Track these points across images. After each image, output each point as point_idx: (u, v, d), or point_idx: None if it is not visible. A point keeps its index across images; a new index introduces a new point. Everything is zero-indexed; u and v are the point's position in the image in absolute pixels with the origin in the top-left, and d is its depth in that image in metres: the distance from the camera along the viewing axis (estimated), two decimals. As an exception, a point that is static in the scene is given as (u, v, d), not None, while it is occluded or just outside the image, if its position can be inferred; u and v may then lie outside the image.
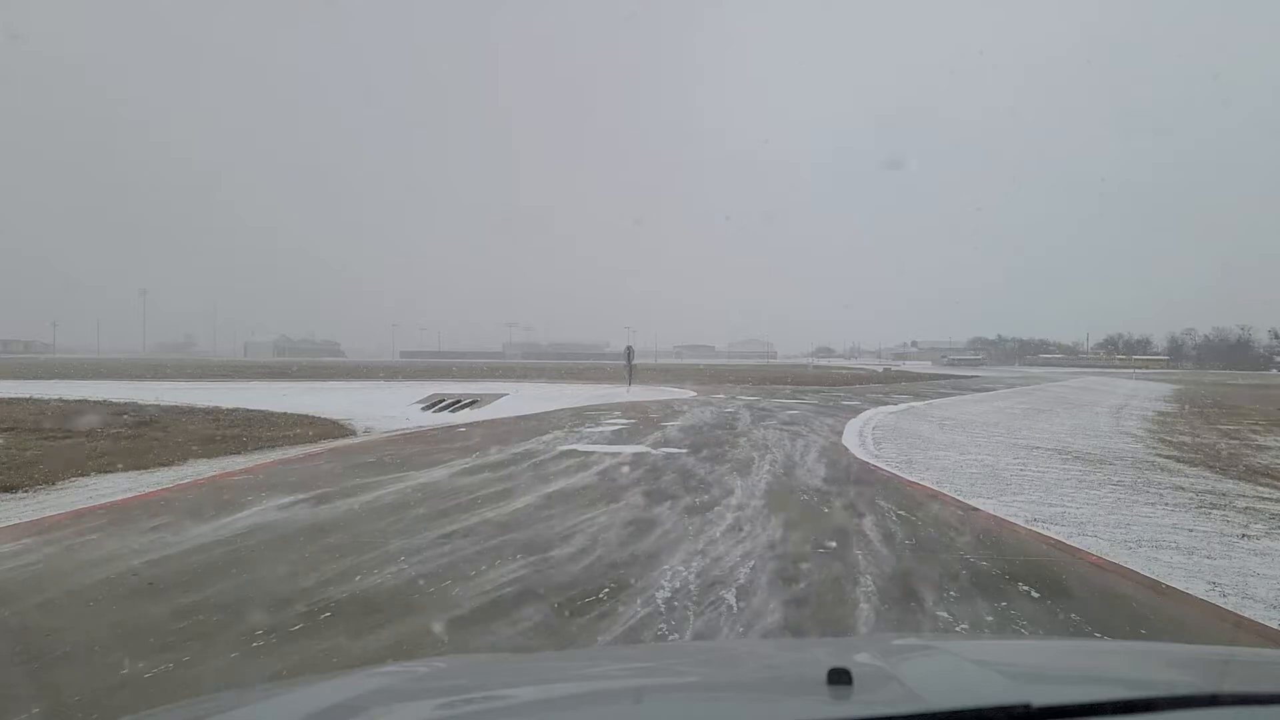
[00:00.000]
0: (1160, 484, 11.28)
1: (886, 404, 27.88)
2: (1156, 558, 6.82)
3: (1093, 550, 7.02)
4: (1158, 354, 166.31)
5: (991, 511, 8.73)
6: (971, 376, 71.14)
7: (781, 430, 17.54)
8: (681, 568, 6.03)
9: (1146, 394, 43.77)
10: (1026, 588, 5.72)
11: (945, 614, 5.08)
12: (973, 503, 9.26)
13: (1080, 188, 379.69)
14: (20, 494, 9.04)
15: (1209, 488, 11.10)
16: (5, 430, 14.83)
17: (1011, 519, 8.35)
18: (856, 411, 23.84)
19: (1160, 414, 28.30)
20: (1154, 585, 5.95)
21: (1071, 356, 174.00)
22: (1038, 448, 15.65)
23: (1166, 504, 9.58)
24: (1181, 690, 1.59)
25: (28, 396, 24.16)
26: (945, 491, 10.02)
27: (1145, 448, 16.76)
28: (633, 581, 5.64)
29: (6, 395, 24.66)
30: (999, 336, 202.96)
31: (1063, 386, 49.87)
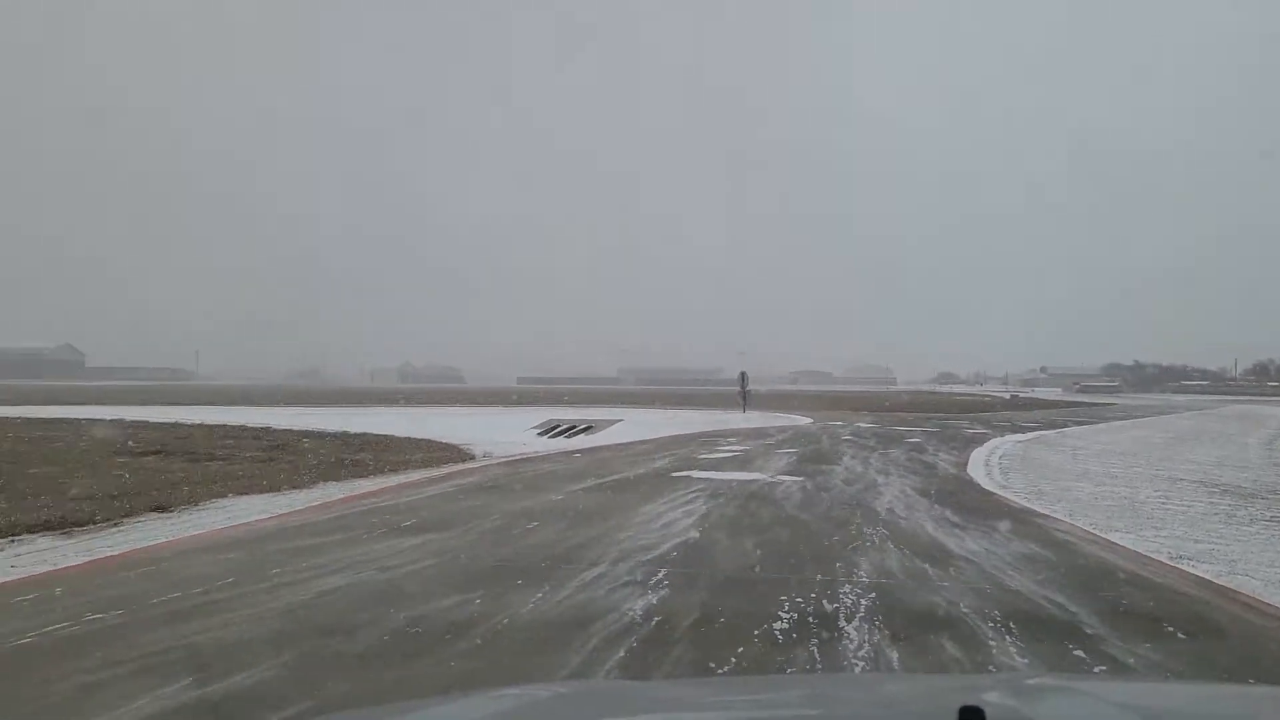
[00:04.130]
0: (1321, 520, 10.44)
1: (1014, 432, 26.84)
2: (1319, 600, 6.29)
3: (1245, 590, 6.53)
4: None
5: (1130, 546, 8.24)
6: (1106, 404, 67.90)
7: (903, 459, 17.09)
8: (800, 599, 5.90)
9: (1302, 423, 40.78)
10: (1172, 628, 5.36)
11: (1080, 654, 4.80)
12: (1110, 537, 8.76)
13: (1224, 203, 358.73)
14: (168, 514, 9.57)
15: (1378, 525, 10.22)
16: (154, 454, 15.79)
17: (1154, 555, 7.86)
18: (982, 440, 23.03)
19: (1319, 445, 26.29)
20: (1317, 630, 5.49)
21: (1218, 383, 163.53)
22: (1181, 480, 14.74)
23: (1329, 542, 8.85)
24: None
25: (173, 421, 25.70)
26: (1079, 524, 9.53)
27: (1302, 481, 15.57)
28: (762, 616, 5.54)
29: (155, 420, 26.34)
30: (1136, 362, 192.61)
31: (1208, 415, 46.99)
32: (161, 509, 9.74)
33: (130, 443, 17.86)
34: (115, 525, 8.77)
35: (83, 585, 6.17)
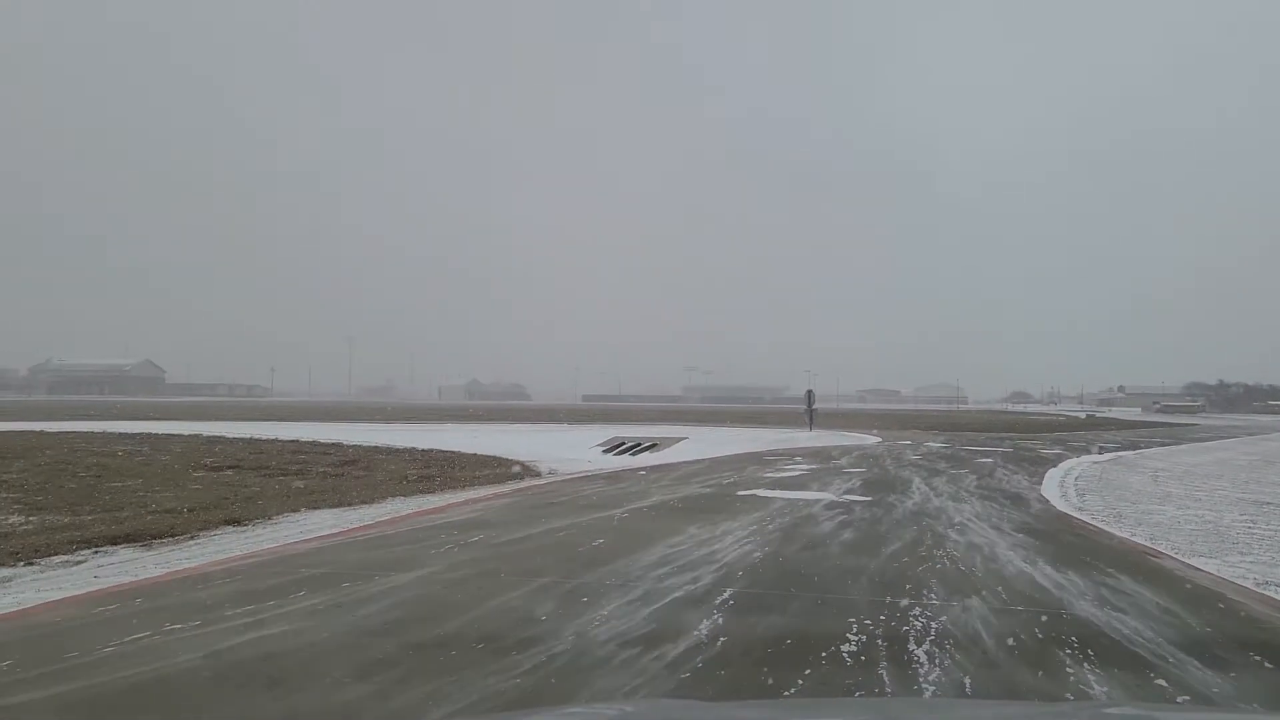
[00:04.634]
0: None
1: (1089, 453, 26.06)
2: None
3: (1340, 620, 6.22)
4: None
5: (1214, 572, 7.92)
6: (1188, 425, 65.57)
7: (974, 479, 16.71)
8: (869, 622, 5.79)
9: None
10: (1259, 657, 5.12)
11: (1162, 682, 4.62)
12: (1193, 562, 8.43)
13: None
14: (242, 527, 9.83)
15: None
16: (230, 468, 16.26)
17: (1239, 580, 7.54)
18: (1056, 461, 22.41)
19: None
20: None
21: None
22: (1269, 503, 14.13)
23: None
24: None
25: (249, 437, 26.44)
26: (1160, 548, 9.20)
27: (1402, 506, 14.81)
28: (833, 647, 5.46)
29: (232, 435, 27.15)
30: (1220, 381, 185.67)
31: (1297, 436, 45.04)
32: (236, 522, 10.00)
33: (207, 458, 18.41)
34: (192, 538, 9.04)
35: (161, 596, 6.36)
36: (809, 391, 38.62)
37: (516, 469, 17.26)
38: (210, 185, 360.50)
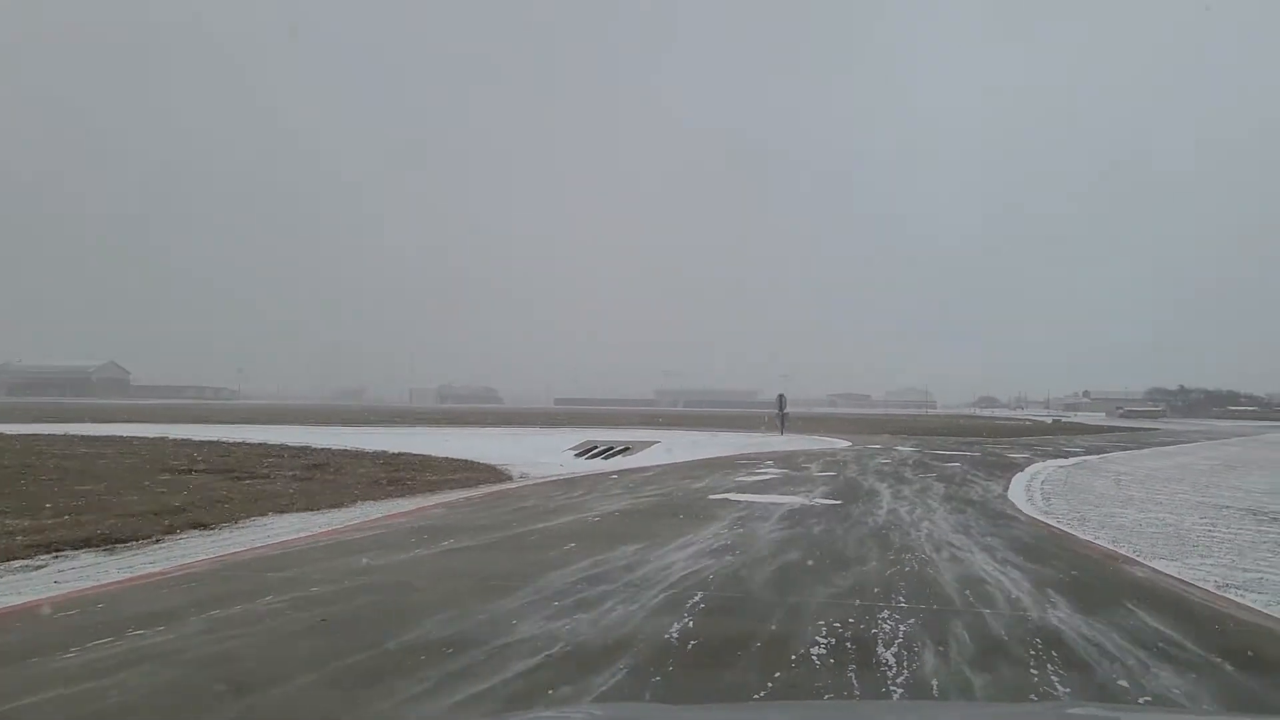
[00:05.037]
0: (1376, 550, 10.14)
1: (1056, 458, 26.40)
2: (1374, 632, 6.11)
3: (1297, 621, 6.36)
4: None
5: (1175, 574, 8.06)
6: (1150, 429, 66.58)
7: (942, 483, 16.88)
8: (839, 623, 5.84)
9: (1357, 450, 39.69)
10: (1219, 659, 5.22)
11: (1125, 683, 4.70)
12: (1154, 564, 8.57)
13: (1270, 232, 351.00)
14: (209, 531, 9.72)
15: None
16: (197, 471, 16.07)
17: (1199, 583, 7.67)
18: (1023, 465, 22.68)
19: (1374, 473, 25.55)
20: (1372, 663, 5.33)
21: (1266, 410, 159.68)
22: (1228, 507, 14.39)
23: (1384, 573, 8.59)
24: None
25: (216, 440, 26.11)
26: (1122, 551, 9.35)
27: (1357, 509, 15.14)
28: (790, 641, 5.49)
29: (199, 438, 26.79)
30: (1181, 387, 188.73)
31: (1255, 441, 45.85)
32: (203, 526, 9.89)
33: (173, 461, 18.17)
34: (157, 542, 8.93)
35: (123, 602, 6.28)
36: (780, 396, 38.80)
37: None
38: (179, 184, 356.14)
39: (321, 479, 15.41)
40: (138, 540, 8.89)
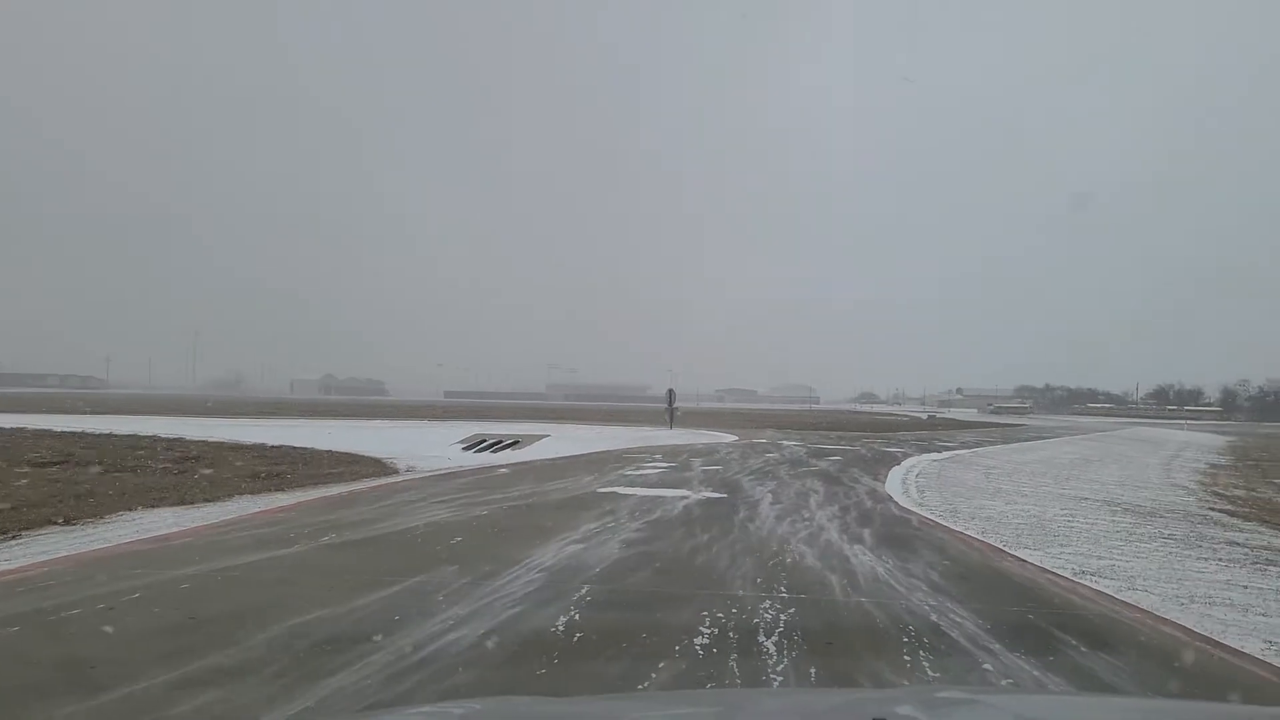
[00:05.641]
0: (1214, 539, 10.97)
1: (930, 451, 27.48)
2: (1209, 614, 6.61)
3: (1143, 605, 6.82)
4: (1210, 405, 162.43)
5: (1038, 563, 8.54)
6: (1018, 425, 70.09)
7: (824, 475, 17.38)
8: (723, 614, 5.97)
9: (1198, 445, 42.78)
10: (1075, 642, 5.57)
11: (989, 666, 4.96)
12: (1019, 554, 9.06)
13: (1126, 237, 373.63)
14: (71, 526, 9.22)
15: (1264, 543, 10.78)
16: (59, 464, 15.19)
17: (1059, 571, 8.16)
18: (900, 459, 23.53)
19: (1213, 466, 27.61)
20: (1207, 642, 5.77)
21: (1121, 406, 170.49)
22: (1086, 499, 15.31)
23: (1220, 559, 9.30)
24: None
25: (80, 431, 24.70)
26: (990, 541, 9.83)
27: (1197, 501, 16.34)
28: (671, 625, 5.59)
29: (61, 429, 25.27)
30: (1046, 385, 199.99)
31: (1111, 436, 48.86)
32: (65, 521, 9.38)
33: (32, 453, 17.11)
34: (14, 538, 8.43)
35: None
36: (670, 390, 39.18)
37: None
38: (43, 168, 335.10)
39: (196, 473, 14.80)
40: (-9, 537, 8.37)
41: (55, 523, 9.29)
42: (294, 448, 20.82)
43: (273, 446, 20.93)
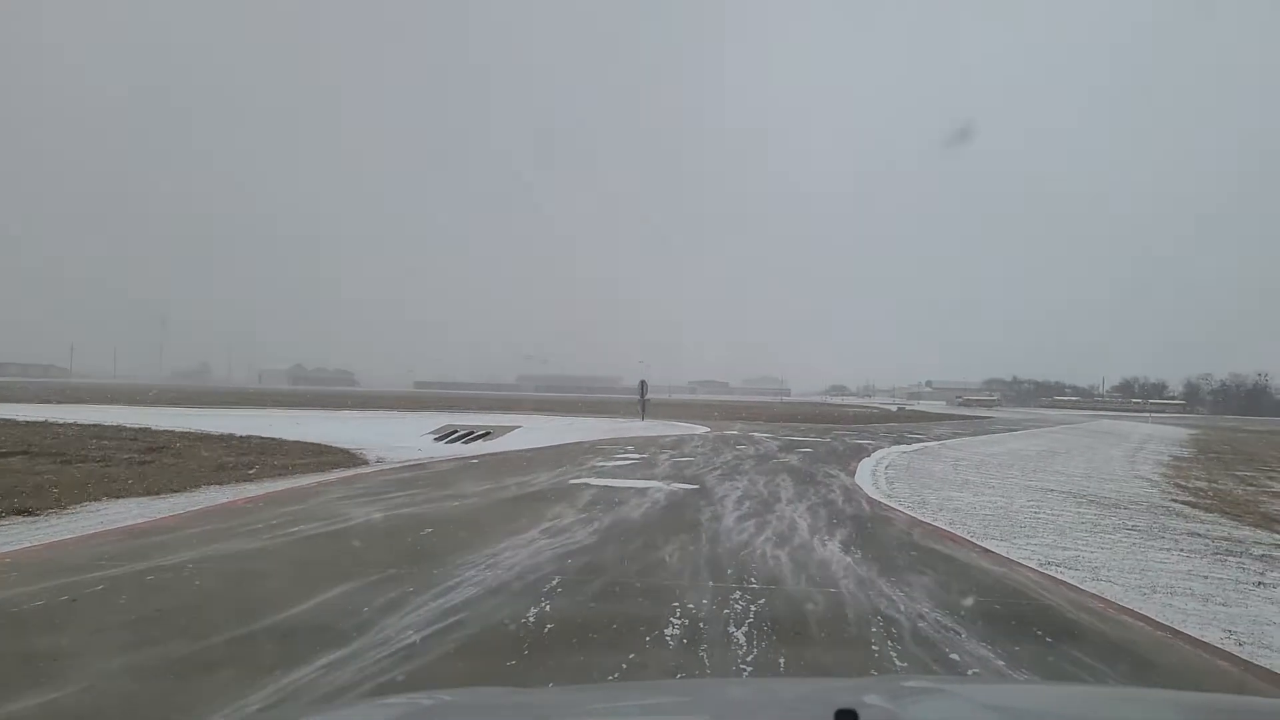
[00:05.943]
0: (1175, 530, 11.15)
1: (900, 444, 27.70)
2: (1171, 604, 6.74)
3: (1106, 595, 6.93)
4: (1174, 399, 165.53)
5: (1004, 554, 8.64)
6: (985, 417, 70.86)
7: (794, 466, 17.46)
8: (710, 601, 5.99)
9: (1162, 438, 43.47)
10: (1040, 631, 5.66)
11: (956, 656, 5.02)
12: (985, 544, 9.17)
13: (1091, 232, 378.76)
14: (34, 517, 9.07)
15: (1224, 534, 10.98)
16: (20, 454, 14.92)
17: (1025, 562, 8.26)
18: (870, 450, 23.70)
19: (1176, 458, 28.06)
20: (1168, 631, 5.88)
21: (1087, 399, 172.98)
22: (1052, 490, 15.52)
23: (1181, 550, 9.47)
24: None
25: (43, 420, 24.31)
26: (958, 533, 9.93)
27: (1160, 493, 16.60)
28: (643, 618, 5.60)
29: (23, 419, 24.84)
30: (1014, 378, 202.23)
31: (1078, 429, 49.55)
32: (26, 512, 9.23)
33: (-7, 443, 16.82)
34: (-26, 530, 8.28)
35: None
36: (642, 382, 39.17)
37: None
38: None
39: (162, 462, 14.61)
40: (-49, 529, 8.22)
41: (17, 514, 9.14)
42: (263, 438, 20.63)
43: (241, 437, 20.73)
